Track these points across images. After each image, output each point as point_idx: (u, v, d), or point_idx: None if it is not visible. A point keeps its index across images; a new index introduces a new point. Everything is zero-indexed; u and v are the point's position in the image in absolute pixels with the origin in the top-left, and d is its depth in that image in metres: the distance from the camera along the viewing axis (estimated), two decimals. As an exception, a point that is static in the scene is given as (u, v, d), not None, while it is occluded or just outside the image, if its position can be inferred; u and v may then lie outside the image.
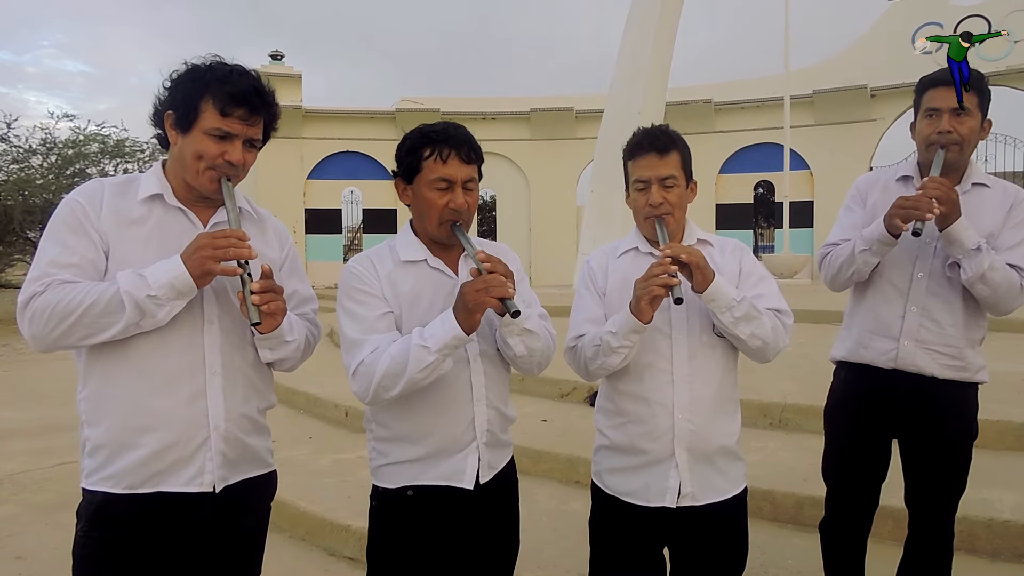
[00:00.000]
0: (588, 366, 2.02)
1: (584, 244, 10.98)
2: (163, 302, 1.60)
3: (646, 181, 2.00)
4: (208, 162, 1.69)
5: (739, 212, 18.93)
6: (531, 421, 4.85)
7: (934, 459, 2.40)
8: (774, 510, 3.53)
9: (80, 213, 1.68)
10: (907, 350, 2.37)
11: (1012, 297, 2.29)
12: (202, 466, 1.71)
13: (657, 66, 11.40)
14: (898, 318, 2.39)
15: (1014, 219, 2.35)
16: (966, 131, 2.30)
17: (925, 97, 2.37)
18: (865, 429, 2.48)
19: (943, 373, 2.36)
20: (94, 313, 1.58)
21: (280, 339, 1.77)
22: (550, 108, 19.55)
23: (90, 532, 1.68)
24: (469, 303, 1.70)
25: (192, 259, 1.60)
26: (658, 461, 1.98)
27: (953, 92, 2.28)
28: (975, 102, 2.31)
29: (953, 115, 2.29)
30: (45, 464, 5.13)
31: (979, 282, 2.25)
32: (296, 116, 18.75)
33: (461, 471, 1.88)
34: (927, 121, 2.35)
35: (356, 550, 3.45)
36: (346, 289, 1.89)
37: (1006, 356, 5.99)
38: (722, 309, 1.89)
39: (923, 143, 2.37)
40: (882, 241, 2.30)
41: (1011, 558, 3.09)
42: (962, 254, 2.25)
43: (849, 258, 2.39)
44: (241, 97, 1.67)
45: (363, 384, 1.79)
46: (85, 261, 1.65)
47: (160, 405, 1.67)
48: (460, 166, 1.84)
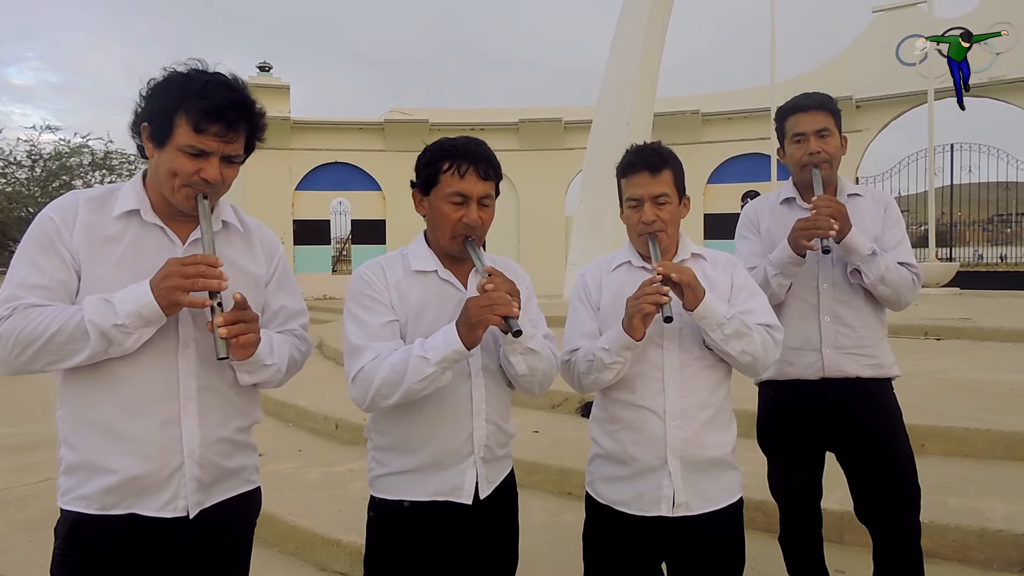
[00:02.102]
0: (582, 380, 2.04)
1: (573, 254, 11.00)
2: (131, 331, 1.53)
3: (639, 199, 2.02)
4: (183, 180, 1.61)
5: (727, 222, 19.00)
6: (523, 432, 4.83)
7: (872, 457, 2.49)
8: (767, 520, 3.52)
9: (52, 231, 1.61)
10: (830, 357, 2.50)
11: (908, 291, 2.48)
12: (176, 492, 1.65)
13: (645, 78, 11.47)
14: (815, 329, 2.52)
15: (890, 220, 2.57)
16: (832, 149, 2.49)
17: (788, 123, 2.55)
18: (800, 442, 2.58)
19: (865, 372, 2.50)
20: (59, 341, 1.52)
21: (258, 364, 1.70)
22: (539, 119, 19.62)
23: (66, 551, 1.64)
24: (472, 319, 1.70)
25: (159, 288, 1.53)
26: (651, 469, 1.99)
27: (812, 116, 2.48)
28: (832, 121, 2.50)
29: (818, 136, 2.48)
30: (29, 480, 5.05)
31: (880, 283, 2.42)
32: (284, 127, 18.71)
33: (459, 486, 1.87)
34: (796, 145, 2.52)
35: (347, 565, 3.42)
36: (354, 294, 1.89)
37: (993, 365, 6.03)
38: (712, 327, 1.91)
39: (796, 165, 2.54)
40: (791, 262, 2.45)
41: (1003, 567, 3.09)
42: (860, 260, 2.42)
43: (763, 283, 2.48)
44: (216, 113, 1.57)
45: (361, 390, 1.79)
46: (55, 283, 1.59)
47: (133, 430, 1.62)
48: (477, 182, 1.85)
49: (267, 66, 19.91)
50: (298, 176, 19.43)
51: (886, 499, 2.47)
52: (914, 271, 2.49)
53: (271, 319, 1.85)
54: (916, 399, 4.31)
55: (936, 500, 3.42)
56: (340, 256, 22.27)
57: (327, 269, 20.07)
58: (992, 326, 7.55)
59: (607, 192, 11.42)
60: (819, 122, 2.47)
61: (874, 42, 17.97)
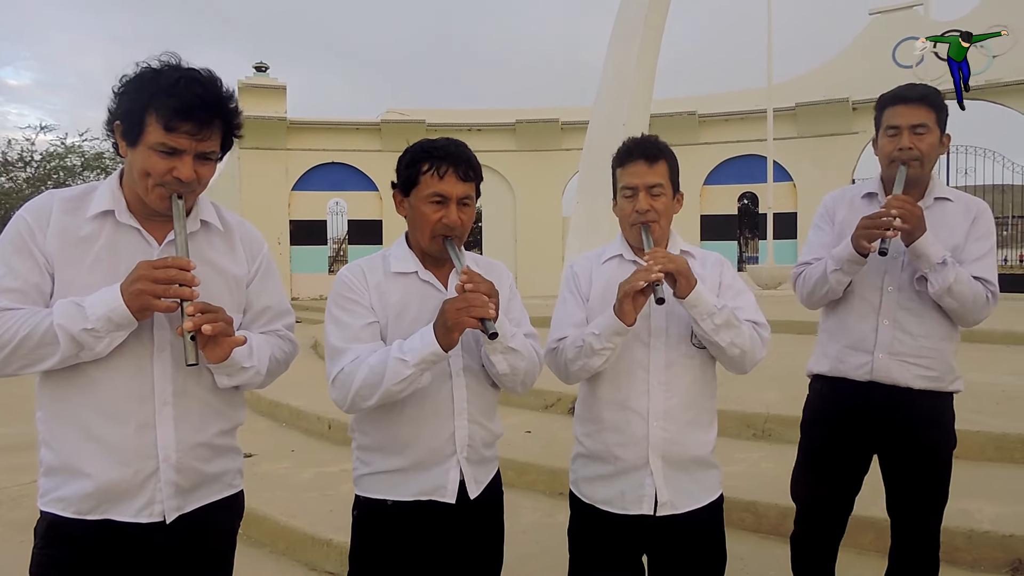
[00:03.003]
0: (568, 367, 2.04)
1: (570, 255, 10.98)
2: (101, 335, 1.51)
3: (634, 188, 2.03)
4: (156, 179, 1.58)
5: (723, 223, 19.03)
6: (515, 433, 4.84)
7: (914, 470, 2.42)
8: (757, 521, 3.53)
9: (26, 232, 1.59)
10: (881, 362, 2.40)
11: (978, 309, 2.35)
12: (151, 497, 1.64)
13: (642, 79, 11.48)
14: (871, 331, 2.43)
15: (977, 232, 2.41)
16: (926, 147, 2.35)
17: (886, 115, 2.42)
18: (843, 441, 2.50)
19: (918, 384, 2.39)
20: (29, 345, 1.51)
21: (235, 367, 1.67)
22: (535, 119, 19.60)
23: (44, 550, 1.64)
24: (448, 321, 1.70)
25: (129, 291, 1.50)
26: (633, 468, 2.00)
27: (911, 109, 2.35)
28: (933, 118, 2.36)
29: (913, 132, 2.35)
30: (22, 480, 5.04)
31: (946, 295, 2.30)
32: (281, 127, 18.66)
33: (442, 486, 1.88)
34: (888, 138, 2.40)
35: (337, 565, 3.42)
36: (335, 297, 1.91)
37: (984, 367, 6.04)
38: (703, 316, 1.92)
39: (885, 160, 2.43)
40: (851, 260, 2.35)
41: (990, 568, 3.10)
42: (928, 268, 2.30)
43: (822, 277, 2.43)
44: (186, 111, 1.53)
45: (341, 392, 1.81)
46: (28, 285, 1.57)
47: (108, 434, 1.60)
48: (456, 183, 1.85)
49: (263, 66, 19.87)
50: (295, 176, 19.38)
51: (922, 505, 2.43)
52: (990, 288, 2.36)
53: (254, 319, 1.84)
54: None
55: (925, 501, 3.44)
56: (337, 256, 22.25)
57: (324, 269, 20.03)
58: (985, 328, 7.52)
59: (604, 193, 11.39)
60: (918, 116, 2.33)
61: (871, 44, 17.99)
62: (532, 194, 19.57)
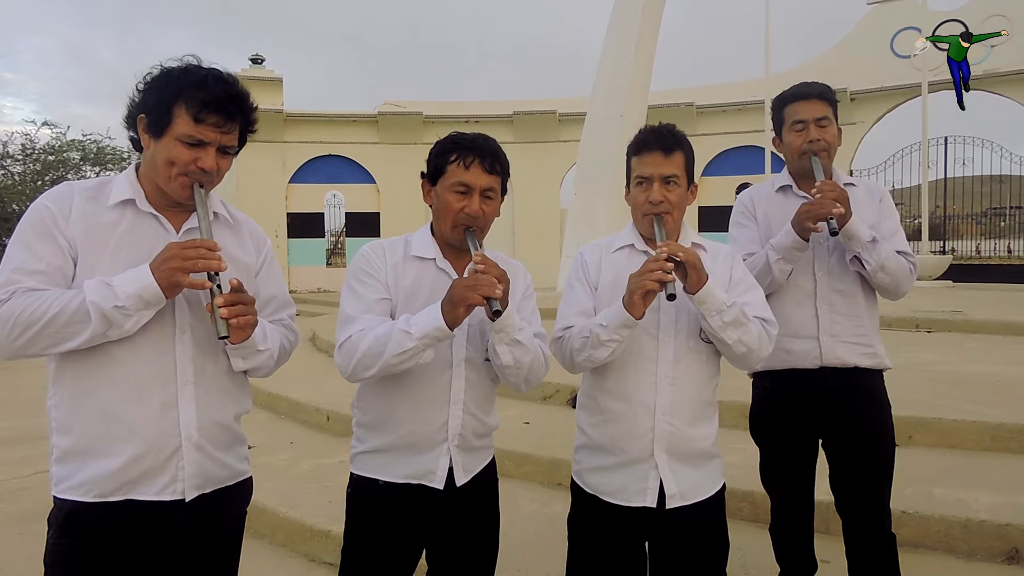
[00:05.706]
0: (574, 357, 2.03)
1: (568, 246, 10.97)
2: (130, 313, 1.57)
3: (648, 178, 2.02)
4: (180, 168, 1.66)
5: (721, 214, 18.96)
6: (514, 424, 4.85)
7: (865, 449, 2.51)
8: (754, 511, 3.54)
9: (48, 218, 1.64)
10: (828, 345, 2.50)
11: (906, 280, 2.49)
12: (174, 475, 1.69)
13: (639, 70, 11.45)
14: (812, 317, 2.52)
15: (885, 210, 2.58)
16: (830, 137, 2.50)
17: (788, 111, 2.53)
18: (798, 431, 2.58)
19: (863, 362, 2.51)
20: (59, 323, 1.55)
21: (252, 348, 1.75)
22: (533, 111, 19.57)
23: (60, 539, 1.66)
24: (455, 297, 1.74)
25: (160, 270, 1.57)
26: (637, 461, 2.00)
27: (813, 104, 2.48)
28: (831, 111, 2.50)
29: (818, 124, 2.47)
30: (22, 473, 5.05)
31: (880, 271, 2.43)
32: (277, 120, 18.63)
33: (432, 471, 1.92)
34: (796, 133, 2.51)
35: (336, 556, 3.39)
36: (354, 270, 1.97)
37: (983, 358, 6.06)
38: (712, 312, 1.91)
39: (795, 153, 2.53)
40: (795, 247, 2.44)
41: (987, 558, 3.12)
42: (860, 247, 2.41)
43: (765, 268, 2.49)
44: (215, 104, 1.64)
45: (346, 358, 1.85)
46: (52, 268, 1.62)
47: (132, 414, 1.65)
48: (481, 174, 1.90)
49: (259, 58, 19.82)
50: (292, 169, 19.36)
51: (869, 487, 2.50)
52: (911, 260, 2.51)
53: (262, 308, 1.88)
54: (905, 391, 4.33)
55: (922, 491, 3.45)
56: (334, 249, 22.22)
57: (321, 262, 20.03)
58: (982, 319, 7.59)
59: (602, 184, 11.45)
60: (819, 110, 2.47)
61: (869, 34, 17.97)
62: (530, 186, 19.53)
